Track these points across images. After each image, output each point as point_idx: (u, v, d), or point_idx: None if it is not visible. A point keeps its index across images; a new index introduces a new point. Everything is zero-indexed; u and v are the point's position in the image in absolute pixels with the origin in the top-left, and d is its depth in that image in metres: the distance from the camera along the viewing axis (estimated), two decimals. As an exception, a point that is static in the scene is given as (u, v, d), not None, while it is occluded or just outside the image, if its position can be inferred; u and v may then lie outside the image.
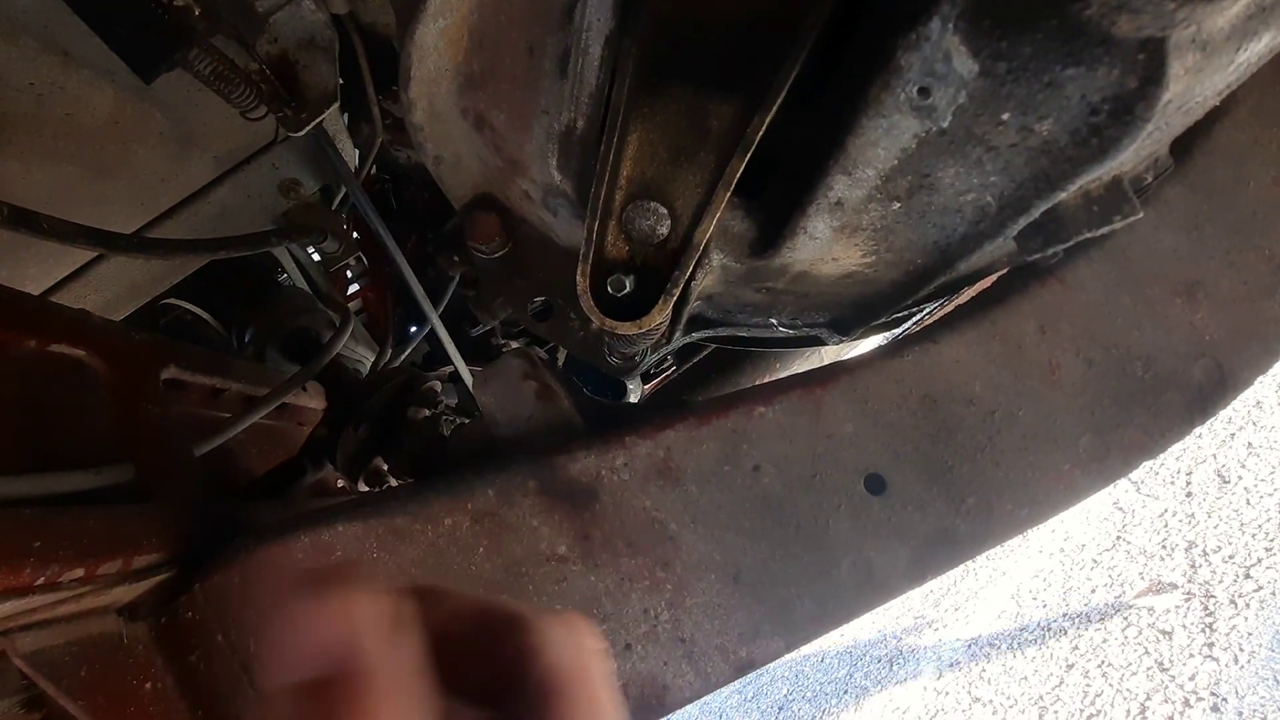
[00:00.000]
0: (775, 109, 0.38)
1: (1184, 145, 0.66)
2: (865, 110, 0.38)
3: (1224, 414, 2.99)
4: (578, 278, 0.40)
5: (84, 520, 0.53)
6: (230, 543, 0.61)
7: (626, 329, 0.40)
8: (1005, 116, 0.35)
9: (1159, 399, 0.60)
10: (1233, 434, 2.76)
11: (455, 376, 1.59)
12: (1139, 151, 0.45)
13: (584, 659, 0.25)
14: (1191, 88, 0.34)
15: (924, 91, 0.35)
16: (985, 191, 0.40)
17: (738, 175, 0.39)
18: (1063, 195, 0.38)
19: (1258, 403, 2.78)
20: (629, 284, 0.39)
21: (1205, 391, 0.60)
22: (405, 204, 1.65)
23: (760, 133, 0.38)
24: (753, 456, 0.59)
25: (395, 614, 0.22)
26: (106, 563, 0.52)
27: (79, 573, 0.50)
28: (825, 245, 0.49)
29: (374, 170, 1.44)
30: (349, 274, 1.65)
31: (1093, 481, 0.59)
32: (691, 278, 0.44)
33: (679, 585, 0.58)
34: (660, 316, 0.40)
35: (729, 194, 0.39)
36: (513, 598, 0.58)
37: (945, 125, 0.36)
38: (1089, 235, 0.45)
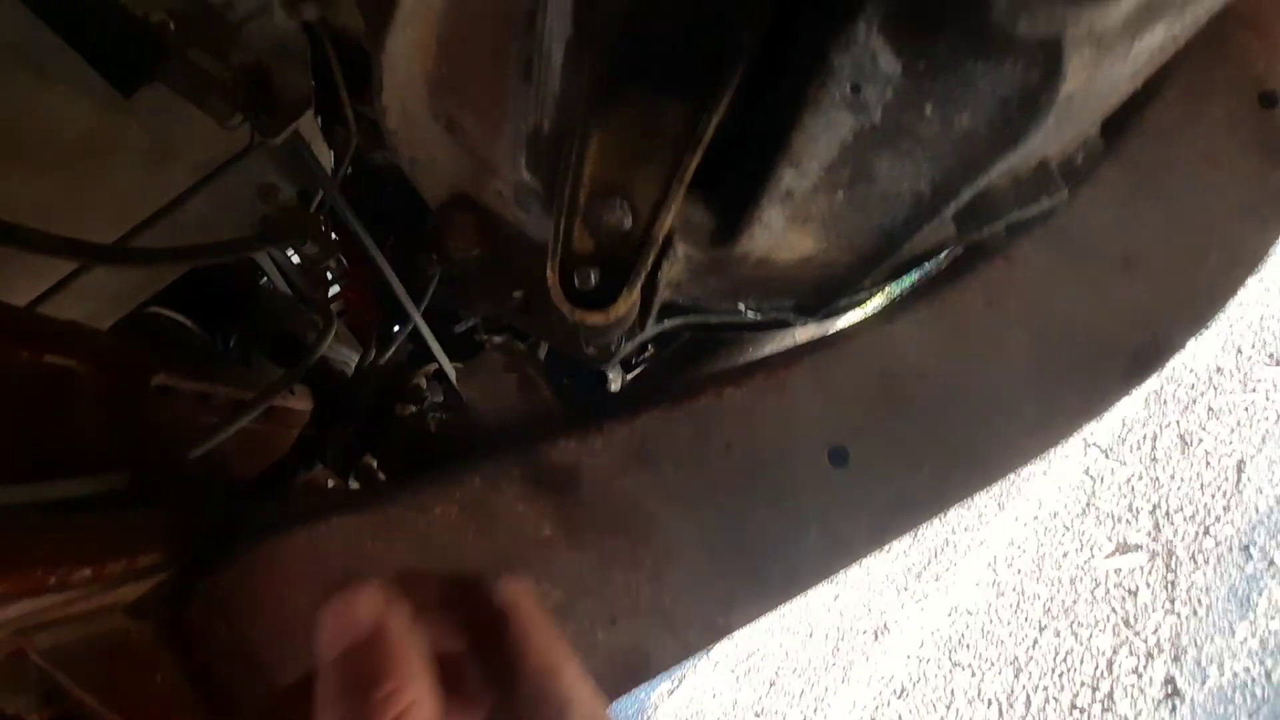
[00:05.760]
0: (722, 110, 0.41)
1: (1117, 125, 0.70)
2: (806, 108, 0.41)
3: (1186, 380, 3.12)
4: (548, 272, 0.43)
5: (89, 523, 0.55)
6: (230, 539, 0.64)
7: (596, 319, 0.43)
8: (928, 110, 0.38)
9: (1098, 365, 0.64)
10: (1194, 399, 2.86)
11: (440, 373, 1.61)
12: (1061, 136, 0.49)
13: (524, 595, 0.38)
14: (1093, 78, 0.38)
15: (856, 89, 0.39)
16: (919, 179, 0.44)
17: (691, 171, 0.42)
18: (987, 180, 0.42)
19: (1218, 369, 2.89)
20: (595, 277, 0.42)
21: (1141, 357, 0.65)
22: (382, 204, 1.67)
23: (710, 132, 0.42)
24: (724, 436, 0.63)
25: (388, 598, 0.33)
26: (112, 562, 0.55)
27: (87, 573, 0.52)
28: (780, 234, 0.53)
29: (349, 172, 1.45)
30: (329, 275, 1.67)
31: (1039, 444, 0.63)
32: (656, 269, 0.47)
33: (658, 560, 0.62)
34: (626, 306, 0.43)
35: (684, 189, 0.42)
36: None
37: (877, 120, 0.40)
38: (1019, 216, 0.49)
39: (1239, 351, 2.88)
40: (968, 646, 2.76)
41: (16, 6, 0.63)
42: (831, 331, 0.69)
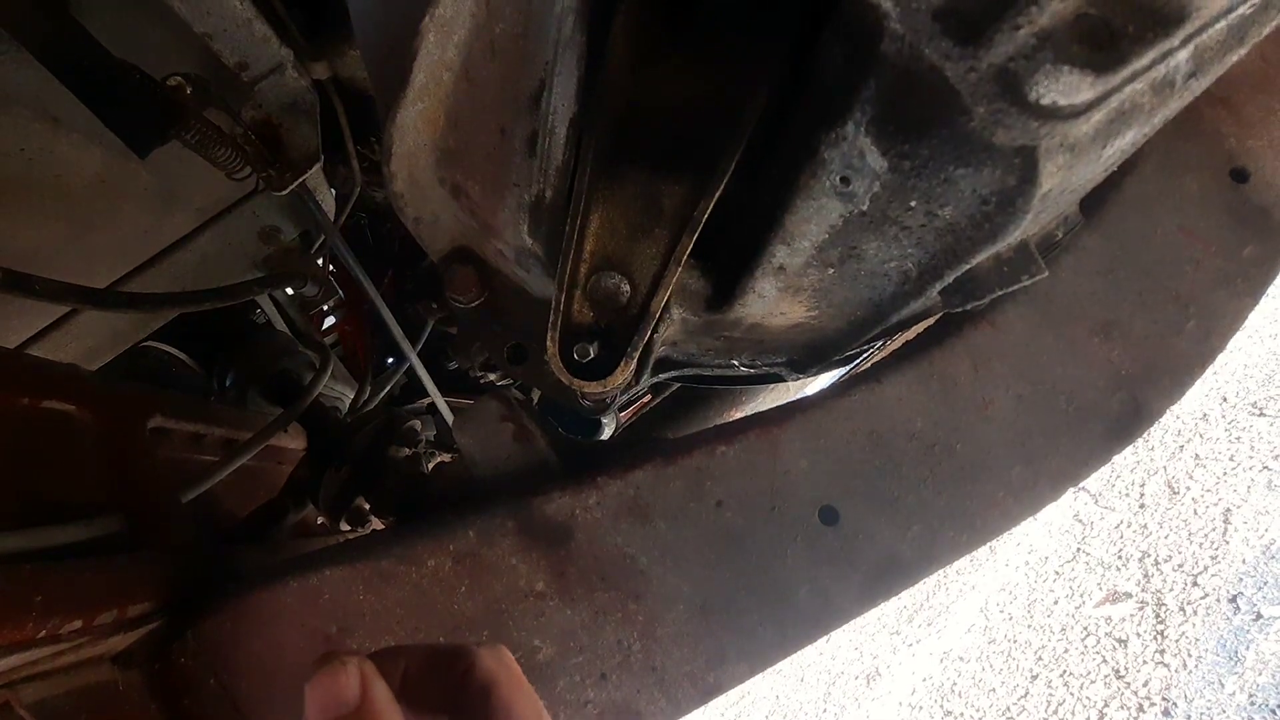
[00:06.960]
0: (719, 194, 0.43)
1: (1098, 197, 0.73)
2: (798, 193, 0.43)
3: (1173, 426, 3.16)
4: (548, 343, 0.45)
5: (81, 573, 0.55)
6: (220, 589, 0.64)
7: (593, 389, 0.44)
8: (913, 203, 0.40)
9: (1081, 430, 0.66)
10: (1181, 446, 2.89)
11: (433, 408, 1.62)
12: (1040, 221, 0.51)
13: (507, 665, 0.38)
14: (1067, 179, 0.40)
15: (845, 180, 0.41)
16: (905, 260, 0.46)
17: (688, 251, 0.44)
18: (969, 265, 0.43)
19: (1204, 415, 2.93)
20: (593, 350, 0.43)
21: (1122, 422, 0.66)
22: (381, 239, 1.70)
23: (706, 214, 0.44)
24: (716, 493, 0.64)
25: (371, 671, 0.34)
26: (103, 613, 0.55)
27: (77, 624, 0.52)
28: (773, 302, 0.55)
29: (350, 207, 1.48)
30: (325, 308, 1.68)
31: (1024, 508, 0.64)
32: (651, 338, 0.48)
33: (650, 616, 0.62)
34: (622, 376, 0.44)
35: (680, 268, 0.44)
36: (493, 633, 0.62)
37: (865, 208, 0.42)
38: (1001, 293, 0.51)
39: (1224, 400, 2.93)
40: (960, 695, 2.73)
41: (35, 63, 0.65)
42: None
